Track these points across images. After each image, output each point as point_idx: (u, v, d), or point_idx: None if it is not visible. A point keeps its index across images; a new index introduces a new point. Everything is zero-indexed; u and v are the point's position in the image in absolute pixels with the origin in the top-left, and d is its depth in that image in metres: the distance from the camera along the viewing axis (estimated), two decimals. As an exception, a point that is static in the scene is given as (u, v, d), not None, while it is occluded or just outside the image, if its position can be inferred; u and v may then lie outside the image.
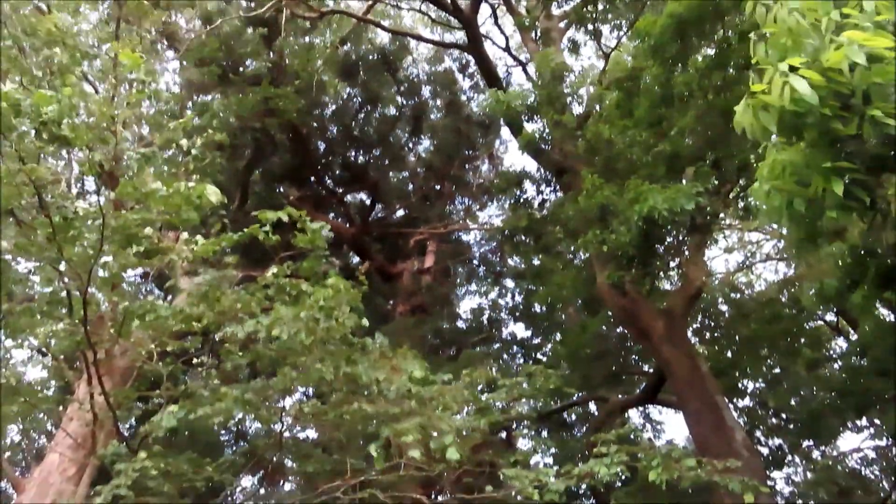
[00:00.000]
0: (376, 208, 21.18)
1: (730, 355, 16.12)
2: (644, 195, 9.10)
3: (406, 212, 21.58)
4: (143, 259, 6.26)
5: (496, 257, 22.04)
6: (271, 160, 17.95)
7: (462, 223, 22.26)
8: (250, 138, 16.14)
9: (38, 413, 13.68)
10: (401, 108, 20.32)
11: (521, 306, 20.37)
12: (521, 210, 15.19)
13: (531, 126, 13.36)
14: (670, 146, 10.28)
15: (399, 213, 21.95)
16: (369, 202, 21.01)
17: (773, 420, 16.76)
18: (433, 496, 11.11)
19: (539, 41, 15.83)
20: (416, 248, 20.44)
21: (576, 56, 16.19)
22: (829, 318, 17.95)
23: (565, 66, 13.36)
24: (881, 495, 16.56)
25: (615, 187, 10.16)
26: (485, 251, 22.52)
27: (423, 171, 21.44)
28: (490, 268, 22.34)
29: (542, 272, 17.13)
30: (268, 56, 15.92)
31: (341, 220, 20.14)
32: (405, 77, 20.09)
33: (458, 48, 17.78)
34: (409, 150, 21.77)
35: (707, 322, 18.03)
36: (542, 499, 6.43)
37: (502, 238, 16.23)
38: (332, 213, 20.18)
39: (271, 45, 15.72)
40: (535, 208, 15.29)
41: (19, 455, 17.05)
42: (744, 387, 16.95)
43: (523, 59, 17.70)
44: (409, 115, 20.43)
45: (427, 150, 21.65)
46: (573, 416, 19.58)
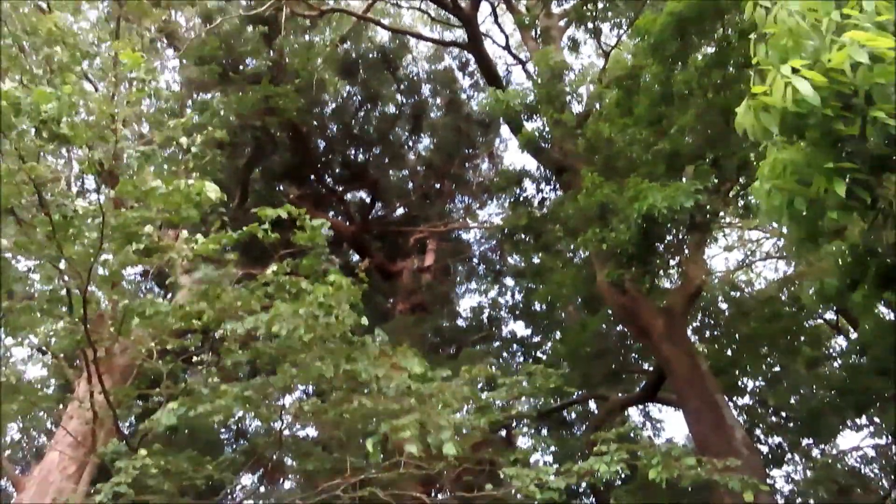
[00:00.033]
0: (376, 207, 21.18)
1: (730, 354, 16.12)
2: (644, 193, 9.11)
3: (406, 210, 21.57)
4: (142, 257, 6.26)
5: (496, 256, 22.04)
6: (271, 158, 17.94)
7: (462, 222, 22.25)
8: (250, 137, 16.14)
9: (38, 411, 13.69)
10: (401, 106, 20.32)
11: (521, 305, 20.38)
12: (521, 208, 15.19)
13: (531, 125, 13.36)
14: (670, 144, 10.28)
15: (399, 212, 21.95)
16: (369, 200, 21.01)
17: (773, 418, 16.75)
18: (433, 494, 11.12)
19: (539, 39, 15.82)
20: (416, 247, 20.44)
21: (576, 54, 16.17)
22: (829, 316, 17.95)
23: (565, 64, 13.36)
24: (881, 494, 16.57)
25: (615, 186, 10.17)
26: (485, 249, 22.53)
27: (423, 169, 21.43)
28: (490, 266, 22.34)
29: (541, 270, 17.14)
30: (268, 54, 15.92)
31: (341, 218, 20.13)
32: (405, 75, 20.09)
33: (458, 46, 17.77)
34: (409, 149, 21.77)
35: (707, 320, 18.03)
36: (542, 497, 6.43)
37: (502, 236, 16.24)
38: (332, 211, 20.18)
39: (271, 43, 15.72)
40: (534, 207, 15.29)
41: (19, 453, 17.05)
42: (743, 385, 16.95)
43: (523, 57, 17.69)
44: (408, 114, 20.43)
45: (427, 148, 21.65)
46: (573, 415, 19.58)
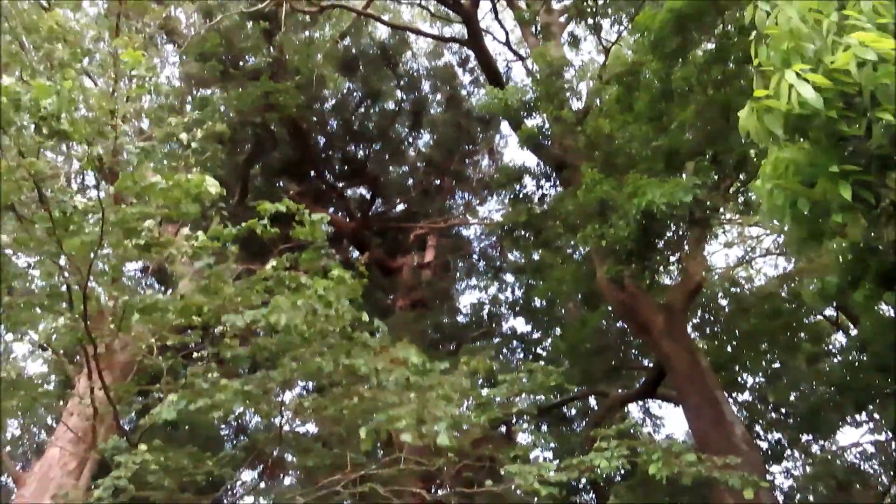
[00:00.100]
0: (376, 203, 21.18)
1: (729, 350, 16.11)
2: (643, 189, 9.11)
3: (406, 206, 21.58)
4: (142, 252, 6.25)
5: (496, 252, 22.04)
6: (271, 155, 17.94)
7: (462, 218, 22.24)
8: (250, 133, 16.14)
9: (38, 407, 13.70)
10: (401, 102, 20.32)
11: (521, 301, 20.38)
12: (521, 205, 15.19)
13: (531, 121, 13.35)
14: (670, 141, 10.27)
15: (399, 208, 21.96)
16: (369, 197, 21.01)
17: (773, 414, 16.76)
18: (433, 490, 11.13)
19: (539, 36, 15.81)
20: (415, 243, 20.44)
21: (576, 51, 16.17)
22: (829, 313, 17.95)
23: (564, 60, 13.34)
24: (880, 490, 16.59)
25: (614, 182, 10.17)
26: (485, 246, 22.52)
27: (422, 165, 21.43)
28: (490, 262, 22.35)
29: (541, 267, 17.15)
30: (268, 51, 15.91)
31: (341, 214, 20.13)
32: (405, 72, 20.08)
33: (458, 42, 17.76)
34: (409, 145, 21.78)
35: (707, 317, 18.02)
36: (543, 493, 6.44)
37: (502, 233, 16.25)
38: (331, 207, 20.17)
39: (271, 39, 15.71)
40: (534, 203, 15.29)
41: (20, 449, 17.06)
42: (743, 381, 16.94)
43: (523, 53, 17.68)
44: (409, 110, 20.43)
45: (427, 144, 21.66)
46: (573, 411, 19.60)
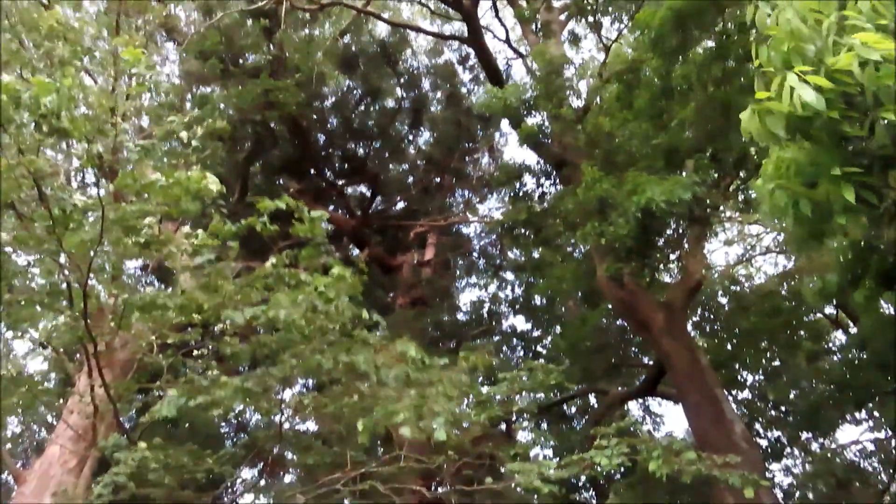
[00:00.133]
0: (376, 201, 21.17)
1: (729, 348, 16.12)
2: (642, 187, 9.11)
3: (406, 204, 21.56)
4: (142, 249, 6.25)
5: (496, 250, 22.02)
6: (271, 152, 17.93)
7: (462, 216, 22.21)
8: (250, 130, 16.12)
9: (38, 405, 13.71)
10: (401, 100, 20.30)
11: (521, 299, 20.37)
12: (521, 203, 15.19)
13: (531, 120, 13.34)
14: (669, 139, 10.26)
15: (399, 206, 21.94)
16: (369, 194, 20.99)
17: (773, 412, 16.76)
18: (433, 488, 11.14)
19: (539, 33, 15.79)
20: (416, 241, 20.41)
21: (576, 48, 16.15)
22: (829, 311, 17.94)
23: (564, 58, 13.32)
24: (879, 487, 16.59)
25: (614, 180, 10.16)
26: (485, 244, 22.50)
27: (423, 163, 21.41)
28: (490, 260, 22.33)
29: (541, 265, 17.15)
30: (268, 48, 15.89)
31: (341, 212, 20.12)
32: (405, 69, 20.05)
33: (458, 40, 17.75)
34: (409, 143, 21.76)
35: (707, 315, 18.01)
36: (543, 491, 6.44)
37: (502, 231, 16.25)
38: (332, 205, 20.16)
39: (271, 37, 15.69)
40: (534, 201, 15.28)
41: (20, 447, 17.07)
42: (743, 379, 16.95)
43: (524, 51, 17.66)
44: (409, 108, 20.41)
45: (427, 142, 21.64)
46: (573, 409, 19.60)
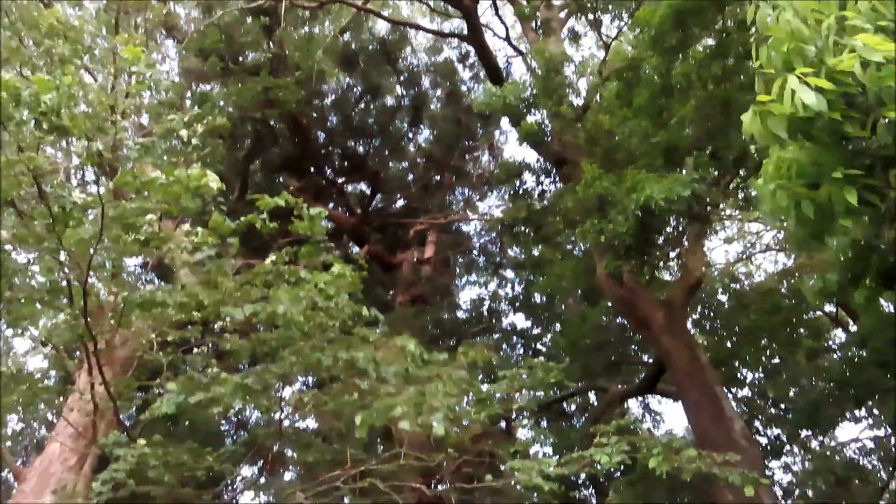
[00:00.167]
0: (376, 198, 21.16)
1: (729, 346, 16.11)
2: (641, 185, 9.11)
3: (406, 202, 21.56)
4: (142, 247, 6.26)
5: (496, 248, 22.02)
6: (271, 150, 17.93)
7: (462, 213, 22.20)
8: (250, 128, 16.12)
9: (38, 403, 13.71)
10: (400, 98, 20.30)
11: (521, 297, 20.39)
12: (521, 201, 15.18)
13: (531, 117, 13.32)
14: (669, 137, 10.26)
15: (399, 204, 21.94)
16: (369, 192, 20.99)
17: (772, 410, 16.76)
18: (433, 486, 11.14)
19: (539, 31, 15.77)
20: (415, 239, 20.41)
21: (576, 46, 16.12)
22: (829, 309, 17.94)
23: (563, 56, 13.31)
24: (878, 485, 16.60)
25: (614, 177, 10.16)
26: (485, 241, 22.50)
27: (422, 161, 21.39)
28: (490, 258, 22.34)
29: (541, 262, 17.16)
30: (268, 46, 15.87)
31: (341, 210, 20.12)
32: (405, 67, 20.05)
33: (458, 38, 17.72)
34: (409, 141, 21.75)
35: (707, 312, 18.02)
36: (545, 488, 6.45)
37: (502, 228, 16.25)
38: (331, 203, 20.16)
39: (271, 35, 15.67)
40: (534, 199, 15.28)
41: (20, 445, 17.08)
42: (743, 377, 16.96)
43: (524, 49, 17.63)
44: (408, 105, 20.41)
45: (427, 140, 21.62)
46: (572, 407, 19.61)
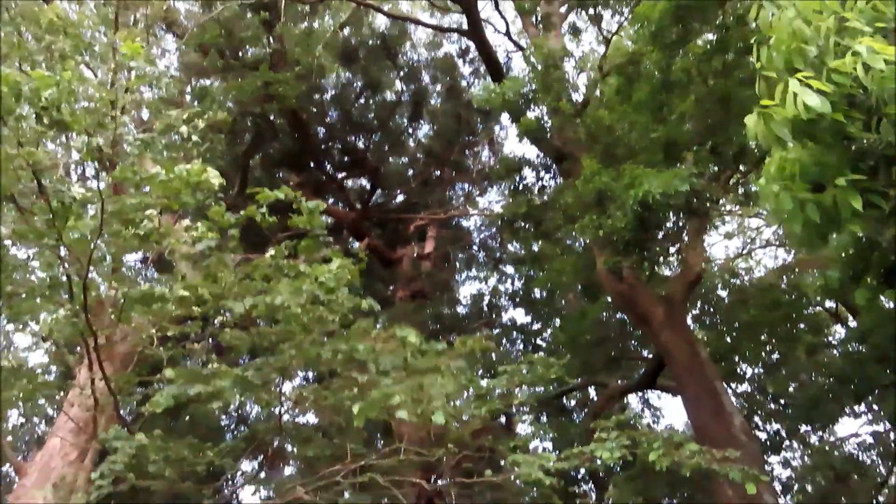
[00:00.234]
0: (376, 194, 21.15)
1: (729, 341, 16.12)
2: (640, 180, 9.10)
3: (406, 197, 21.54)
4: (142, 242, 6.25)
5: (496, 243, 22.04)
6: (271, 145, 17.91)
7: (462, 209, 22.21)
8: (250, 123, 16.10)
9: (39, 398, 13.72)
10: (400, 93, 20.28)
11: (521, 292, 20.43)
12: (521, 196, 15.18)
13: (531, 113, 13.29)
14: (669, 132, 10.25)
15: (399, 199, 21.93)
16: (369, 187, 20.98)
17: (772, 405, 16.79)
18: (433, 480, 11.16)
19: (540, 26, 15.73)
20: (415, 234, 20.42)
21: (576, 41, 16.09)
22: (829, 304, 17.95)
23: (564, 51, 13.28)
24: (878, 480, 16.64)
25: (613, 173, 10.15)
26: (485, 237, 22.54)
27: (422, 156, 21.38)
28: (490, 253, 22.36)
29: (541, 258, 17.17)
30: (268, 41, 15.85)
31: (341, 205, 20.12)
32: (405, 62, 20.03)
33: (458, 33, 17.68)
34: (409, 136, 21.72)
35: (706, 308, 18.02)
36: (545, 482, 6.47)
37: (502, 224, 16.24)
38: (331, 198, 20.14)
39: (271, 30, 15.65)
40: (534, 194, 15.27)
41: (21, 440, 17.10)
42: (743, 372, 16.98)
43: (524, 44, 17.60)
44: (408, 101, 20.39)
45: (427, 135, 21.61)
46: (572, 402, 19.65)
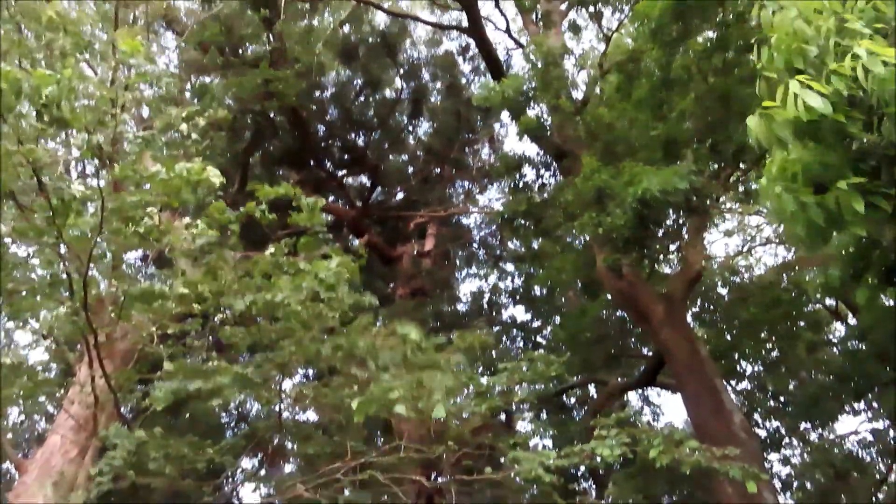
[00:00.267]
0: (376, 191, 21.15)
1: (729, 339, 16.12)
2: (639, 177, 9.10)
3: (406, 195, 21.56)
4: (142, 240, 6.25)
5: (496, 241, 22.05)
6: (271, 143, 17.90)
7: (462, 206, 22.20)
8: (250, 121, 16.09)
9: (39, 395, 13.73)
10: (400, 90, 20.27)
11: (521, 289, 20.42)
12: (521, 194, 15.16)
13: (531, 111, 13.27)
14: (668, 130, 10.24)
15: (399, 197, 21.94)
16: (369, 185, 20.98)
17: (772, 403, 16.80)
18: (433, 478, 11.17)
19: (540, 24, 15.72)
20: (415, 232, 20.43)
21: (577, 39, 16.07)
22: (829, 302, 17.95)
23: (564, 48, 13.26)
24: (877, 478, 16.65)
25: (613, 170, 10.14)
26: (484, 234, 22.54)
27: (422, 154, 21.39)
28: (490, 251, 22.37)
29: (541, 256, 17.17)
30: (268, 39, 15.83)
31: (341, 203, 20.11)
32: (405, 60, 20.01)
33: (458, 30, 17.68)
34: (409, 133, 21.73)
35: (706, 305, 18.02)
36: (545, 479, 6.47)
37: (502, 221, 16.21)
38: (331, 196, 20.15)
39: (271, 27, 15.63)
40: (534, 192, 15.26)
41: (21, 437, 17.10)
42: (742, 370, 16.97)
43: (524, 41, 17.59)
44: (408, 98, 20.38)
45: (427, 133, 21.61)
46: (572, 400, 19.66)
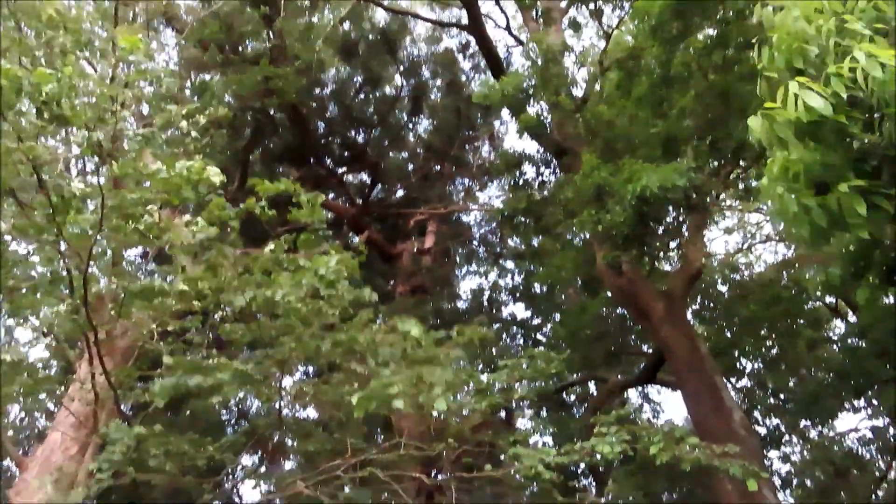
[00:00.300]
0: (376, 189, 21.14)
1: (729, 336, 16.13)
2: (638, 174, 9.10)
3: (406, 192, 21.55)
4: (142, 237, 6.26)
5: (496, 238, 22.03)
6: (271, 140, 17.90)
7: (462, 204, 22.20)
8: (250, 118, 16.08)
9: (39, 393, 13.74)
10: (400, 88, 20.26)
11: (521, 287, 20.41)
12: (521, 191, 15.16)
13: (531, 108, 13.26)
14: (668, 127, 10.24)
15: (399, 194, 21.93)
16: (369, 182, 20.97)
17: (772, 400, 16.80)
18: (433, 475, 11.19)
19: (540, 20, 15.71)
20: (415, 229, 20.42)
21: (577, 36, 16.06)
22: (829, 299, 17.95)
23: (564, 45, 13.25)
24: (877, 475, 16.67)
25: (612, 167, 10.14)
26: (485, 232, 22.52)
27: (422, 151, 21.38)
28: (490, 248, 22.35)
29: (541, 253, 17.17)
30: (267, 36, 15.82)
31: (341, 200, 20.11)
32: (405, 57, 20.00)
33: (458, 28, 17.68)
34: (409, 131, 21.73)
35: (706, 303, 18.02)
36: (545, 477, 6.48)
37: (502, 219, 16.21)
38: (331, 193, 20.13)
39: (271, 24, 15.61)
40: (535, 189, 15.26)
41: (21, 434, 17.12)
42: (742, 367, 16.98)
43: (524, 38, 17.58)
44: (408, 96, 20.37)
45: (427, 130, 21.60)
46: (572, 397, 19.65)
